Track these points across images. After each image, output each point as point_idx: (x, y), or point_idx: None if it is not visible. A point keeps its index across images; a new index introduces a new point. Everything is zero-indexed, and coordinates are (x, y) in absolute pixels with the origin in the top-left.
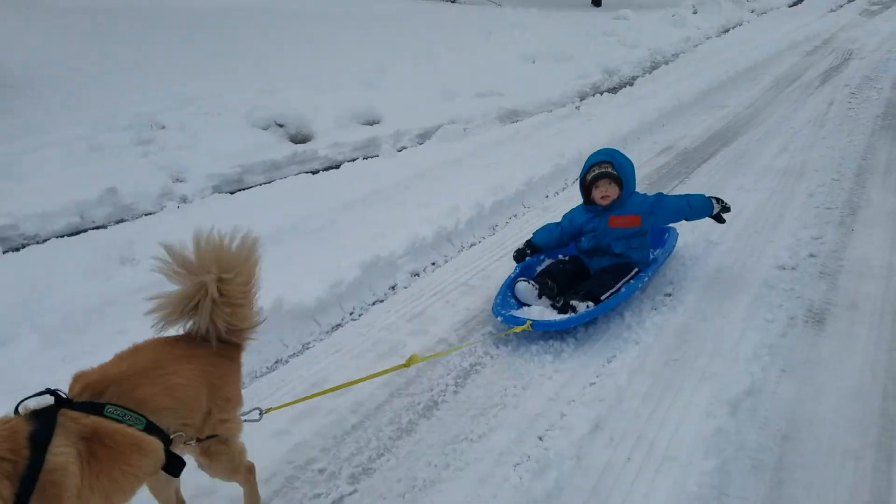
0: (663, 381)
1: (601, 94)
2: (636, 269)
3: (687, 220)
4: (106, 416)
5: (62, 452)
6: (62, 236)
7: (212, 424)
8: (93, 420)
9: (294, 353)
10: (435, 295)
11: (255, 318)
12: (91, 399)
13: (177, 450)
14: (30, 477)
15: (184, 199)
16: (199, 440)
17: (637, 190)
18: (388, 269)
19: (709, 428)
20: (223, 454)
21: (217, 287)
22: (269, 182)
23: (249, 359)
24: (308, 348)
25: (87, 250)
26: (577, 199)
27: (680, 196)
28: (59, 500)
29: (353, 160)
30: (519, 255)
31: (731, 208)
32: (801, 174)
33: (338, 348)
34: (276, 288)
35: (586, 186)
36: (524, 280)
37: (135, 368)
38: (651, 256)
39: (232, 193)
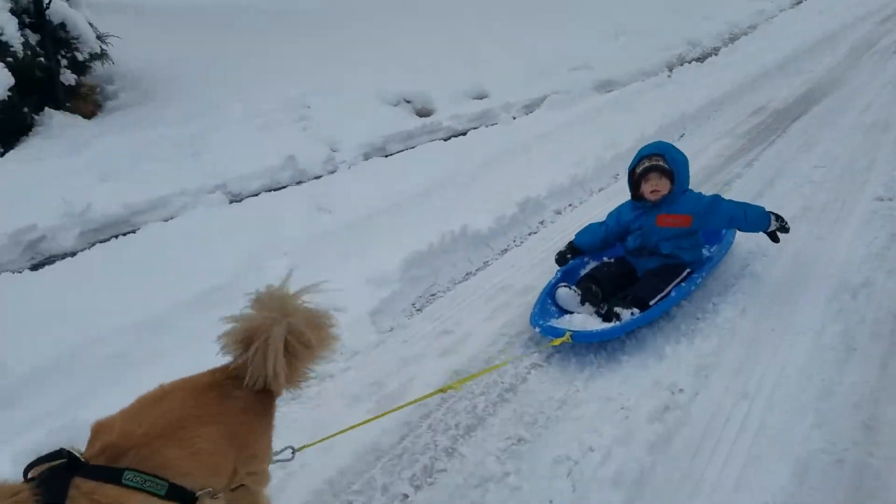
0: (797, 275)
1: (689, 63)
2: (688, 271)
3: (740, 230)
4: (124, 485)
5: None
6: (256, 194)
7: (238, 478)
8: (108, 494)
9: (478, 268)
10: (578, 227)
11: (307, 377)
12: (109, 463)
13: None
14: None
15: (344, 164)
16: (228, 490)
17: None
18: (537, 208)
19: (833, 308)
20: None
21: (282, 332)
22: (408, 149)
23: (448, 272)
24: (488, 265)
25: (292, 203)
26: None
27: (738, 203)
28: None
29: (476, 128)
30: (560, 259)
31: (791, 229)
32: (886, 127)
33: (511, 264)
34: (458, 220)
35: (635, 180)
36: (565, 286)
37: (157, 428)
38: (706, 255)
39: (386, 157)
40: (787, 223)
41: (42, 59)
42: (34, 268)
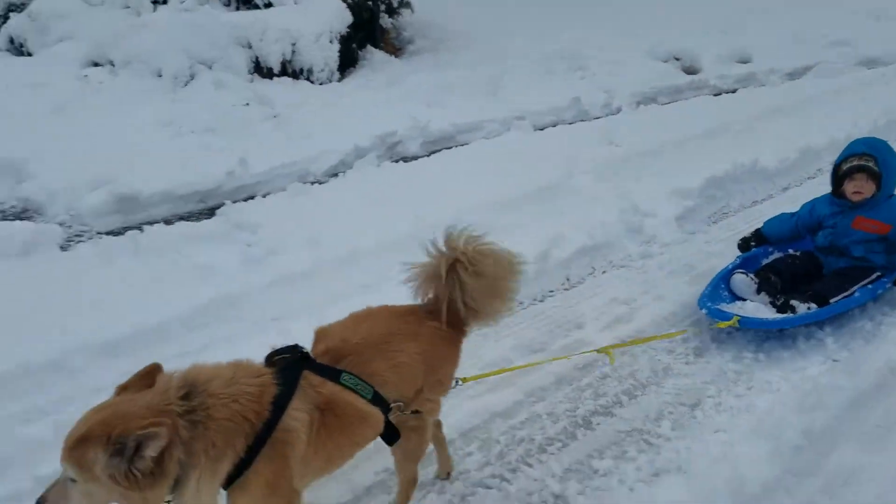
0: None
1: None
2: (878, 274)
3: None
4: (341, 384)
5: (297, 419)
6: (554, 125)
7: (419, 401)
8: (329, 390)
9: (763, 199)
10: None
11: (501, 315)
12: (331, 363)
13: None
14: (263, 436)
15: (618, 109)
16: (408, 413)
17: None
18: (814, 158)
19: None
20: (413, 438)
21: (464, 267)
22: (675, 101)
23: (738, 197)
24: (772, 197)
25: (584, 135)
26: None
27: None
28: (284, 460)
29: (745, 88)
30: (744, 245)
31: None
32: None
33: (793, 199)
34: (747, 155)
35: (839, 176)
36: (742, 272)
37: (369, 341)
38: None
39: (661, 105)
40: None
41: (370, 1)
42: (394, 161)
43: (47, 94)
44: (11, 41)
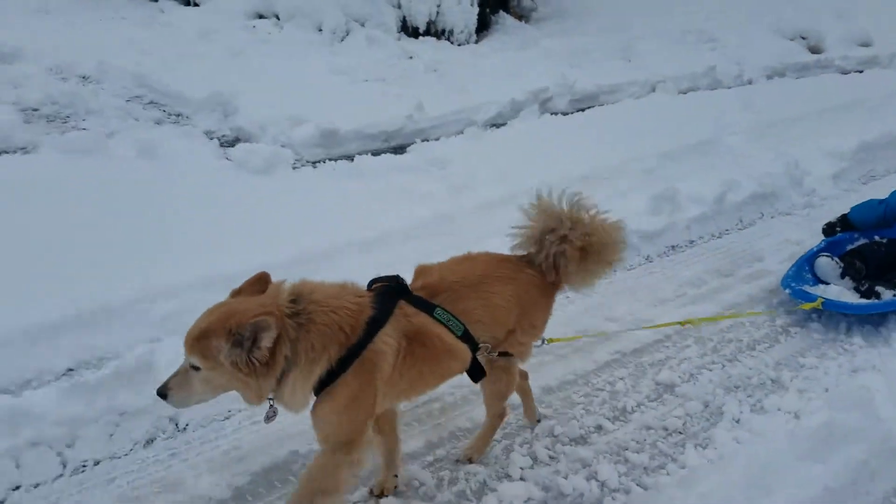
0: None
1: None
2: None
3: None
4: (434, 317)
5: (386, 343)
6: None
7: (510, 343)
8: (421, 321)
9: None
10: None
11: (586, 287)
12: (427, 297)
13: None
14: (355, 351)
15: (749, 81)
16: (497, 354)
17: None
18: None
19: None
20: (502, 378)
21: (569, 239)
22: (802, 77)
23: (883, 163)
24: None
25: (724, 101)
26: None
27: None
28: (371, 376)
29: (871, 69)
30: (829, 229)
31: None
32: None
33: None
34: (887, 127)
35: None
36: (827, 255)
37: (465, 281)
38: None
39: (793, 79)
40: None
41: None
42: (496, 127)
43: (222, 40)
44: None
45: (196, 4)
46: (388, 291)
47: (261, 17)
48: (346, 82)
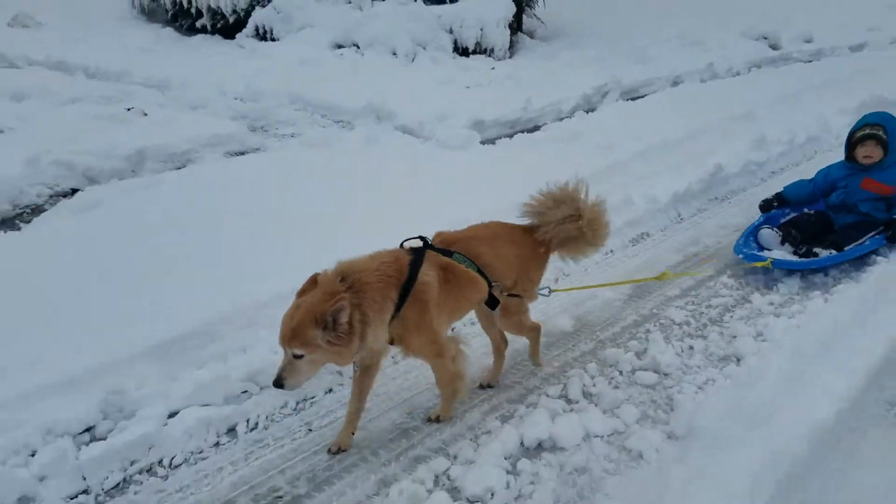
0: None
1: None
2: (881, 228)
3: None
4: (453, 259)
5: (429, 274)
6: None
7: (517, 287)
8: (446, 259)
9: None
10: None
11: (586, 256)
12: (444, 247)
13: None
14: (408, 287)
15: (737, 73)
16: (508, 295)
17: None
18: None
19: None
20: (515, 314)
21: (568, 219)
22: (775, 68)
23: None
24: None
25: (732, 86)
26: None
27: None
28: (424, 303)
29: (819, 60)
30: (766, 206)
31: None
32: None
33: None
34: (865, 96)
35: (852, 143)
36: (768, 227)
37: (477, 237)
38: None
39: (769, 70)
40: None
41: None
42: (495, 141)
43: (322, 66)
44: (256, 29)
45: (275, 39)
46: (417, 247)
47: (340, 46)
48: (454, 89)
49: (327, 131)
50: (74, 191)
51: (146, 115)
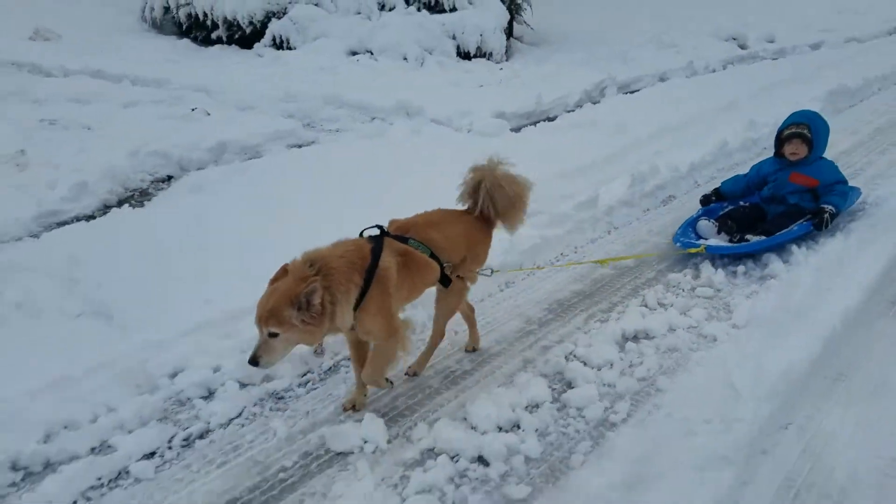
0: None
1: None
2: (808, 217)
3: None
4: (408, 245)
5: (388, 260)
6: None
7: (463, 268)
8: (403, 246)
9: (848, 107)
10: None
11: (517, 225)
12: (400, 234)
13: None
14: (371, 272)
15: (714, 70)
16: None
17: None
18: (849, 96)
19: None
20: (455, 294)
21: (490, 188)
22: (746, 65)
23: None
24: (852, 107)
25: (715, 81)
26: None
27: (845, 194)
28: (386, 285)
29: (783, 57)
30: (705, 200)
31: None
32: None
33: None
34: (831, 85)
35: (780, 140)
36: (706, 219)
37: (427, 221)
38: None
39: (740, 66)
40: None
41: (510, 7)
42: (521, 129)
43: (341, 71)
44: (273, 39)
45: (291, 48)
46: (375, 235)
47: (354, 53)
48: (466, 88)
49: (373, 125)
50: (170, 177)
51: (209, 114)
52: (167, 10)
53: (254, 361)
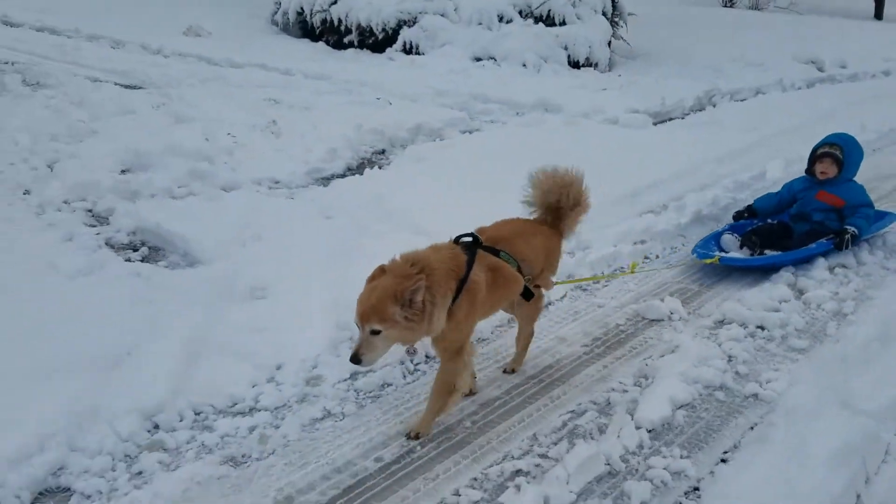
0: None
1: None
2: (832, 235)
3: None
4: (500, 257)
5: (479, 274)
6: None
7: (542, 278)
8: (494, 259)
9: None
10: None
11: (574, 229)
12: (492, 245)
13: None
14: (463, 282)
15: (799, 87)
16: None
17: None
18: None
19: None
20: (535, 303)
21: (560, 203)
22: (826, 86)
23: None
24: None
25: (800, 96)
26: None
27: (869, 218)
28: (475, 297)
29: (859, 80)
30: (738, 216)
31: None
32: None
33: None
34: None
35: (813, 158)
36: (730, 233)
37: (512, 234)
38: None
39: (821, 87)
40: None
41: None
42: (656, 124)
43: (471, 75)
44: (404, 45)
45: (420, 53)
46: (469, 244)
47: (478, 59)
48: (590, 91)
49: (528, 116)
50: (383, 150)
51: (391, 104)
52: (300, 14)
53: (355, 359)
